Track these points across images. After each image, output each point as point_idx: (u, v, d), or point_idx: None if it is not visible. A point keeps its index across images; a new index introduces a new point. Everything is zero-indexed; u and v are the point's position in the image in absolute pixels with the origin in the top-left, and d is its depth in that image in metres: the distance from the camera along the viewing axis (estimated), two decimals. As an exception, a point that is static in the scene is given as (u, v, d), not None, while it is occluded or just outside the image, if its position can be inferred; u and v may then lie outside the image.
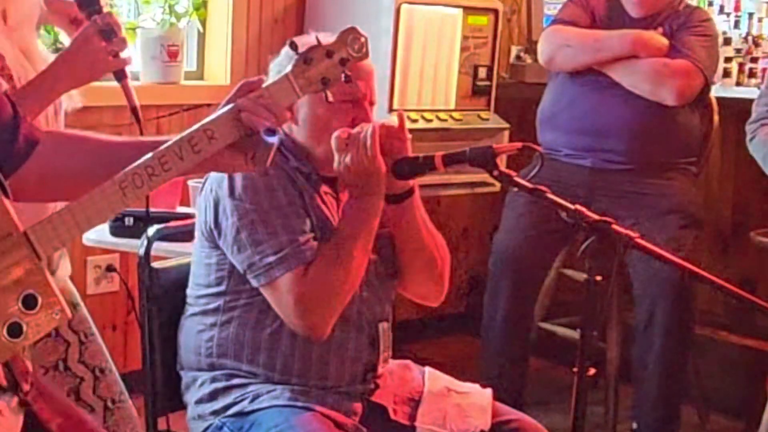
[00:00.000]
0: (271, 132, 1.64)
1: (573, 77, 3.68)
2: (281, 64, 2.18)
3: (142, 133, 1.88)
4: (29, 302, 1.47)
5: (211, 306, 2.24)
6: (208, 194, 2.21)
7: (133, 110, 1.98)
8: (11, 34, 2.00)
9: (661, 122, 3.57)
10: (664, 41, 3.58)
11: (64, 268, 2.19)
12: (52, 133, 1.75)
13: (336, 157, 2.16)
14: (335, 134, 2.16)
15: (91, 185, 1.54)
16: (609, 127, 3.58)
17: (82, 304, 2.22)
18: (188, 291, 2.31)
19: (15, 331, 1.46)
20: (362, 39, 1.70)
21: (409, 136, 2.21)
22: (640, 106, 3.55)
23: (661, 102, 3.53)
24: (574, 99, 3.67)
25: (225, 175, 2.17)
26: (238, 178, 2.17)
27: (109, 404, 2.18)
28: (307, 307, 2.12)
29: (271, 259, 2.13)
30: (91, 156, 1.68)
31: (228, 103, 1.68)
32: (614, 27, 3.64)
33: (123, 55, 2.01)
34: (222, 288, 2.23)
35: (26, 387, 1.59)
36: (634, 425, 3.60)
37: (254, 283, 2.17)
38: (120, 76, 2.01)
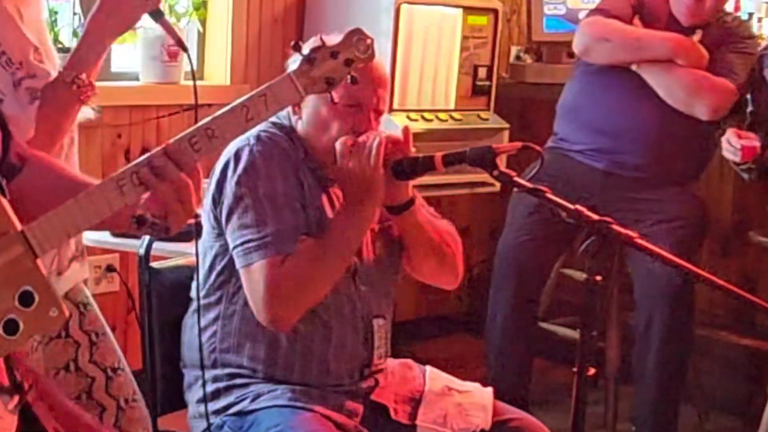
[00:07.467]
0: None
1: (601, 72, 3.55)
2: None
3: (192, 68, 1.88)
4: (26, 299, 1.46)
5: (214, 297, 2.25)
6: (217, 172, 2.23)
7: (179, 43, 1.97)
8: (28, 32, 2.02)
9: (684, 134, 3.49)
10: (704, 53, 3.45)
11: (77, 270, 2.18)
12: (37, 156, 1.76)
13: (338, 161, 2.17)
14: (341, 140, 2.17)
15: None
16: (630, 132, 3.50)
17: (94, 304, 2.21)
18: (192, 284, 2.31)
19: (11, 328, 1.46)
20: (368, 40, 1.69)
21: (413, 149, 2.22)
22: (667, 115, 3.45)
23: (692, 115, 3.44)
24: (600, 96, 3.57)
25: (232, 156, 2.20)
26: (243, 161, 2.19)
27: (122, 403, 2.17)
28: (275, 297, 2.13)
29: (252, 244, 2.15)
30: (65, 193, 1.66)
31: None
32: (654, 23, 3.52)
33: None
34: (224, 277, 2.24)
35: (26, 387, 1.59)
36: (633, 429, 3.60)
37: (237, 264, 2.18)
38: (156, 15, 2.02)
